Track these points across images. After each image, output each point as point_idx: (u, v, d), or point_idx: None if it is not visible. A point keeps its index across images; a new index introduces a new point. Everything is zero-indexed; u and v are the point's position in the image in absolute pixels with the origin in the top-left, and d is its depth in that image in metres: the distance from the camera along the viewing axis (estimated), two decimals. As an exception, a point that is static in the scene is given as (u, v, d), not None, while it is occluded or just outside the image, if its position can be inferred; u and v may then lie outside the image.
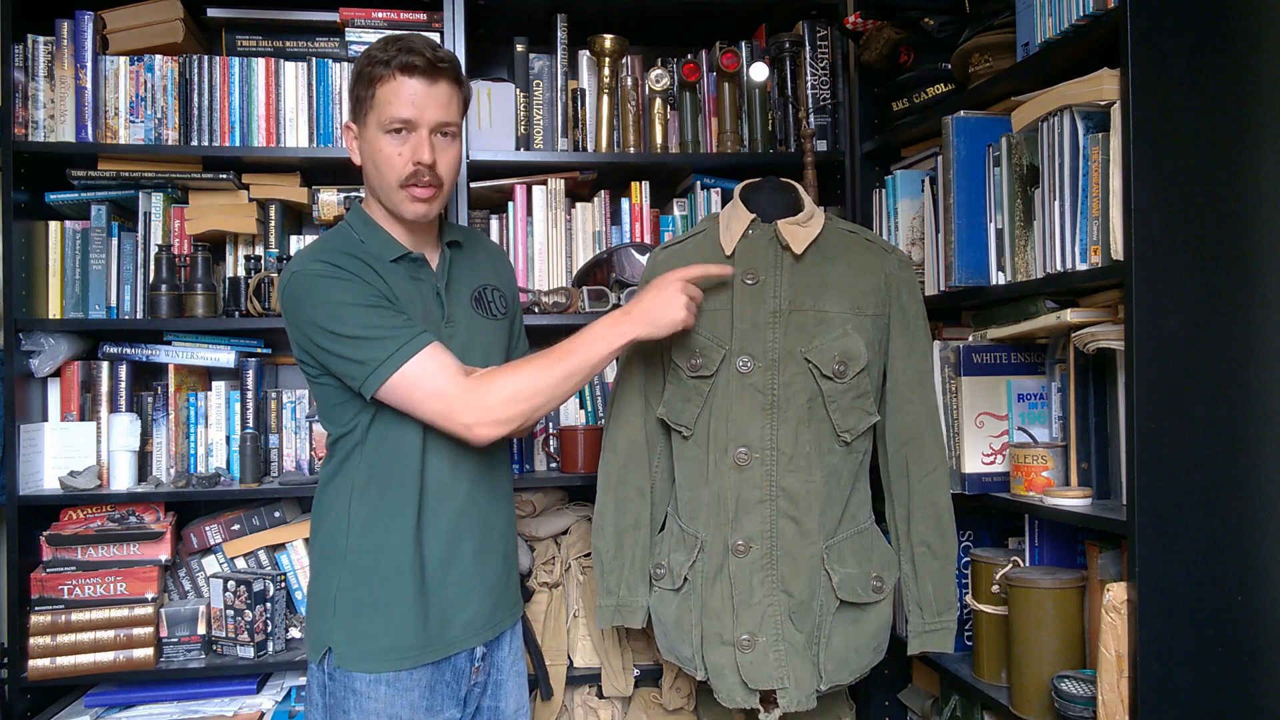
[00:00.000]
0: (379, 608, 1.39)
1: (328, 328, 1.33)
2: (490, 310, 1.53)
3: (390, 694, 1.38)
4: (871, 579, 1.57)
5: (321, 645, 1.41)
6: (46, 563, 1.97)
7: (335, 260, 1.36)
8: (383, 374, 1.31)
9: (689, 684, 2.05)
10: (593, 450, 2.03)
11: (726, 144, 2.22)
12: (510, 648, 1.56)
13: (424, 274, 1.45)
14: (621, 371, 1.72)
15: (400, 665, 1.38)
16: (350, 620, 1.39)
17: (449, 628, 1.43)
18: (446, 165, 1.41)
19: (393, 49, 1.37)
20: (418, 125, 1.37)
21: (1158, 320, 1.34)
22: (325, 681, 1.40)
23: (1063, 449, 1.63)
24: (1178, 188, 1.35)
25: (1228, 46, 1.38)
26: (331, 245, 1.41)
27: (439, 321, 1.44)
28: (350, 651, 1.38)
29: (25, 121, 2.00)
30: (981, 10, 1.80)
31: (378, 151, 1.39)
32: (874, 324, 1.57)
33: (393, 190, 1.40)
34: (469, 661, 1.47)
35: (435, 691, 1.42)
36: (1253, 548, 1.37)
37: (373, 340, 1.32)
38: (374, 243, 1.43)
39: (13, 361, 1.95)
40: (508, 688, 1.54)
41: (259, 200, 2.13)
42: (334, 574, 1.41)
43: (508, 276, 1.64)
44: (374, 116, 1.38)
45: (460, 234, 1.56)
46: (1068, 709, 1.47)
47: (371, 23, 2.11)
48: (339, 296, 1.33)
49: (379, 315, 1.33)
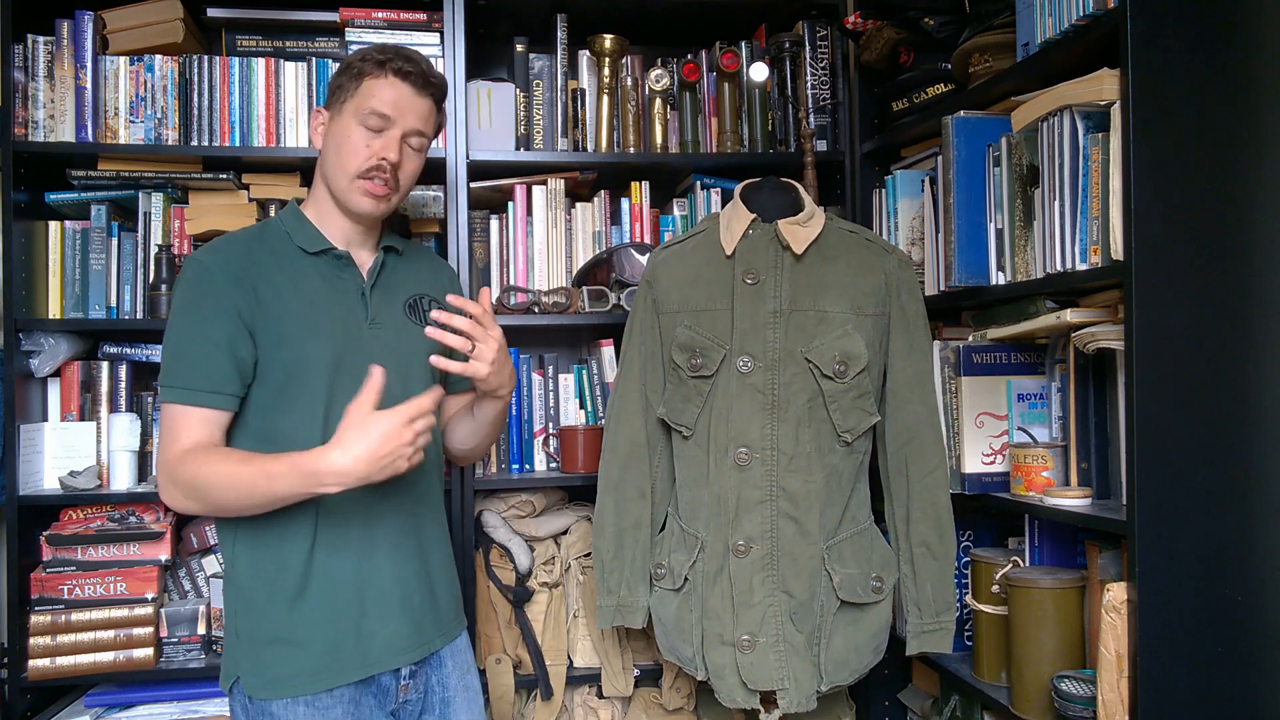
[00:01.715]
0: (278, 634, 1.34)
1: (170, 323, 1.36)
2: (425, 320, 1.48)
3: (309, 713, 1.33)
4: (871, 579, 1.57)
5: (230, 674, 1.37)
6: (46, 563, 1.97)
7: (222, 260, 1.36)
8: (163, 394, 1.33)
9: (689, 684, 2.05)
10: (593, 450, 2.03)
11: (726, 144, 2.22)
12: (454, 663, 1.49)
13: (348, 273, 1.44)
14: (622, 371, 1.72)
15: (308, 689, 1.33)
16: (251, 648, 1.35)
17: (368, 646, 1.37)
18: (408, 173, 1.43)
19: (390, 53, 1.39)
20: (394, 125, 1.39)
21: (1158, 320, 1.34)
22: (246, 704, 1.35)
23: (1063, 449, 1.63)
24: (1178, 188, 1.35)
25: (1228, 47, 1.38)
26: (239, 238, 1.42)
27: (361, 321, 1.42)
28: (257, 681, 1.34)
29: (25, 121, 2.00)
30: (981, 10, 1.80)
31: (345, 138, 1.39)
32: (874, 324, 1.58)
33: (348, 179, 1.39)
34: (394, 679, 1.41)
35: (360, 706, 1.37)
36: (1253, 547, 1.37)
37: (177, 359, 1.33)
38: (300, 236, 1.42)
39: (13, 361, 1.95)
40: (456, 705, 1.48)
41: (259, 200, 2.12)
42: (230, 600, 1.39)
43: (451, 291, 1.57)
44: (352, 104, 1.39)
45: (402, 244, 1.54)
46: (1068, 709, 1.47)
47: (371, 23, 2.11)
48: (187, 302, 1.34)
49: (199, 346, 1.32)
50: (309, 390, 1.36)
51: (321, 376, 1.36)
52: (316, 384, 1.36)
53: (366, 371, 1.31)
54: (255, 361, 1.35)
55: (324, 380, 1.36)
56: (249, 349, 1.34)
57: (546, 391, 2.22)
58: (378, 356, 1.39)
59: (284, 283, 1.38)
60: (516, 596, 2.04)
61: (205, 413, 1.32)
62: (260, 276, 1.36)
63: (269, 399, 1.36)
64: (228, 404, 1.34)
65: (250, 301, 1.34)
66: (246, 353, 1.34)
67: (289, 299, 1.37)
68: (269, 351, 1.35)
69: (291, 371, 1.36)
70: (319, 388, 1.36)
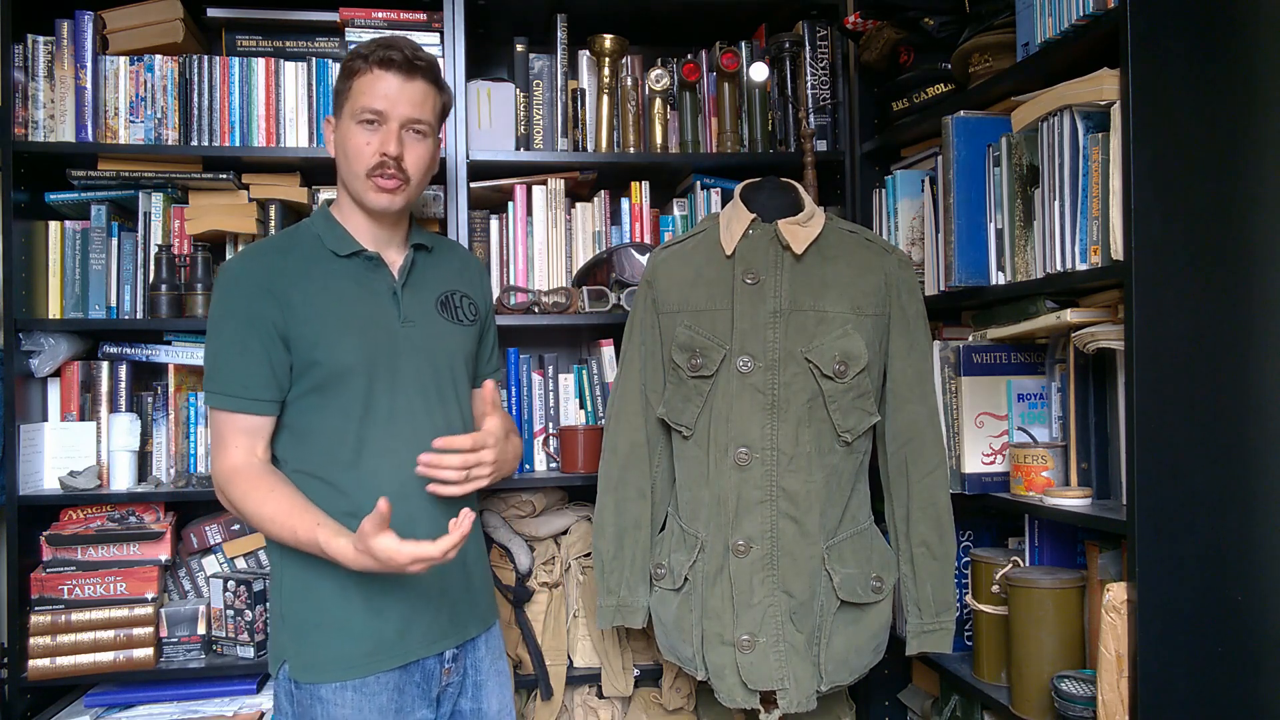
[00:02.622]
0: (324, 620, 1.39)
1: (208, 329, 1.42)
2: (456, 315, 1.53)
3: (357, 699, 1.37)
4: (871, 579, 1.57)
5: (278, 658, 1.42)
6: (46, 563, 1.97)
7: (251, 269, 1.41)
8: (209, 399, 1.40)
9: (689, 684, 2.05)
10: (593, 450, 2.03)
11: (726, 144, 2.22)
12: (488, 648, 1.54)
13: (379, 274, 1.46)
14: (622, 371, 1.72)
15: (351, 675, 1.38)
16: (299, 633, 1.40)
17: (408, 635, 1.42)
18: (414, 161, 1.43)
19: (374, 45, 1.42)
20: (388, 118, 1.40)
21: (1158, 320, 1.34)
22: (292, 690, 1.40)
23: (1063, 449, 1.63)
24: (1178, 188, 1.35)
25: (1228, 47, 1.38)
26: (270, 245, 1.46)
27: (393, 320, 1.45)
28: (303, 663, 1.38)
29: (25, 121, 2.00)
30: (981, 10, 1.80)
31: (347, 140, 1.42)
32: (874, 324, 1.58)
33: (359, 180, 1.42)
34: (438, 663, 1.46)
35: (404, 693, 1.42)
36: (1253, 547, 1.37)
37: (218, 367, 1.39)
38: (330, 239, 1.45)
39: (13, 361, 1.95)
40: (489, 688, 1.53)
41: (259, 200, 2.12)
42: (280, 586, 1.43)
43: (481, 287, 1.63)
44: (349, 106, 1.42)
45: (430, 239, 1.56)
46: (1068, 709, 1.47)
47: (371, 22, 2.11)
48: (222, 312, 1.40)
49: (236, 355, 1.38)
50: (345, 391, 1.40)
51: (357, 377, 1.41)
52: (352, 385, 1.40)
53: (400, 370, 1.40)
54: (292, 366, 1.40)
55: (360, 381, 1.41)
56: (283, 356, 1.39)
57: (546, 391, 2.22)
58: (410, 354, 1.44)
59: (316, 287, 1.41)
60: (516, 596, 2.04)
61: (246, 419, 1.39)
62: (291, 283, 1.40)
63: (305, 399, 1.41)
64: (268, 409, 1.40)
65: (282, 310, 1.39)
66: (281, 359, 1.39)
67: (321, 303, 1.41)
68: (304, 355, 1.39)
69: (327, 373, 1.40)
70: (355, 388, 1.41)
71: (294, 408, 1.42)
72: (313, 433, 1.41)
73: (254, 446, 1.40)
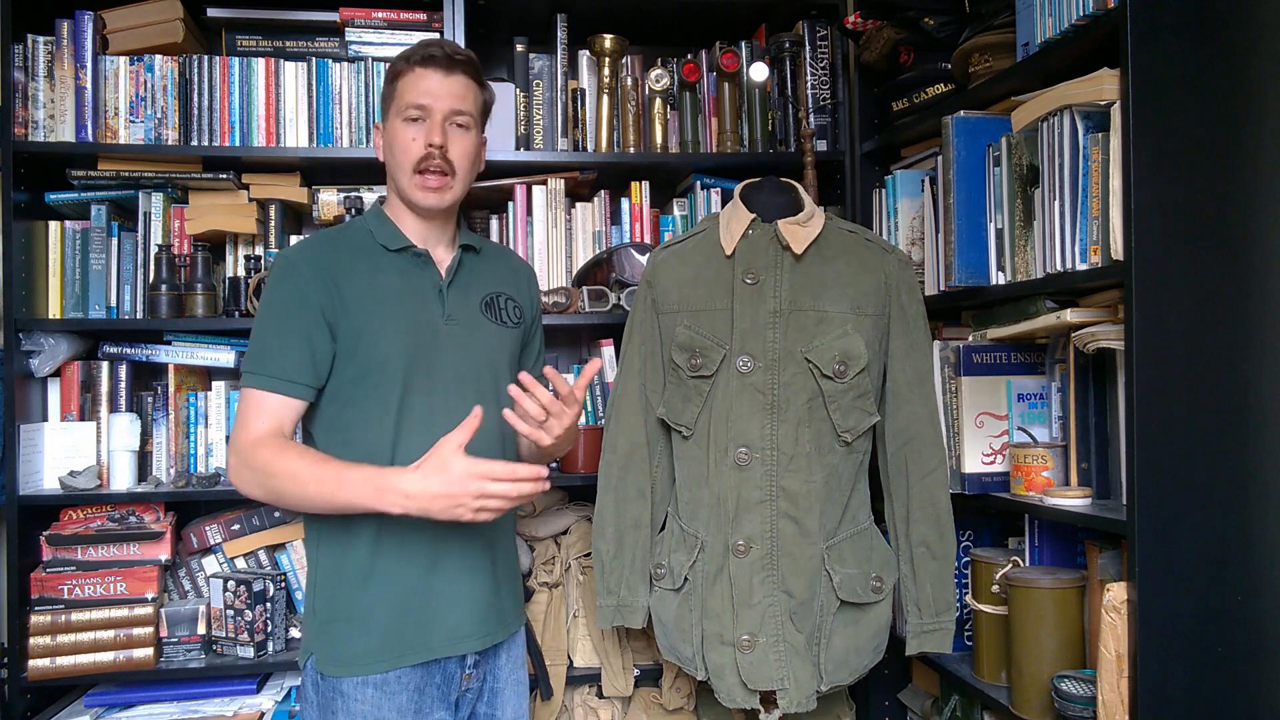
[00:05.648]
0: (347, 614, 1.40)
1: (257, 314, 1.43)
2: (501, 317, 1.54)
3: (377, 696, 1.39)
4: (871, 579, 1.57)
5: (307, 650, 1.45)
6: (46, 563, 1.97)
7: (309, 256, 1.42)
8: (244, 379, 1.40)
9: (689, 684, 2.05)
10: (593, 450, 2.03)
11: (726, 144, 2.22)
12: (508, 657, 1.54)
13: (426, 271, 1.48)
14: (622, 371, 1.72)
15: (370, 669, 1.39)
16: (323, 625, 1.42)
17: (431, 632, 1.42)
18: (459, 152, 1.45)
19: (415, 47, 1.46)
20: (432, 112, 1.43)
21: (1158, 320, 1.34)
22: (317, 680, 1.42)
23: (1063, 449, 1.63)
24: (1178, 188, 1.35)
25: (1228, 47, 1.38)
26: (325, 236, 1.49)
27: (437, 317, 1.46)
28: (325, 656, 1.41)
29: (25, 121, 2.00)
30: (981, 10, 1.80)
31: (394, 139, 1.45)
32: (874, 324, 1.57)
33: (407, 177, 1.44)
34: (459, 667, 1.46)
35: (424, 694, 1.42)
36: (1253, 548, 1.37)
37: (259, 348, 1.40)
38: (381, 234, 1.47)
39: (13, 361, 1.95)
40: (505, 696, 1.53)
41: (259, 200, 2.13)
42: (313, 579, 1.46)
43: (529, 293, 1.63)
44: (394, 106, 1.45)
45: (479, 242, 1.57)
46: (1068, 709, 1.47)
47: (371, 23, 2.11)
48: (274, 296, 1.41)
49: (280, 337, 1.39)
50: (384, 384, 1.41)
51: (396, 371, 1.41)
52: (391, 378, 1.41)
53: (439, 365, 1.41)
54: (334, 355, 1.41)
55: (398, 375, 1.41)
56: (327, 343, 1.40)
57: (546, 391, 2.21)
58: (452, 353, 1.45)
59: (365, 279, 1.43)
60: (516, 596, 2.04)
61: (279, 400, 1.38)
62: (343, 273, 1.42)
63: (344, 391, 1.42)
64: (302, 393, 1.40)
65: (333, 297, 1.40)
66: (325, 346, 1.40)
67: (368, 295, 1.42)
68: (347, 345, 1.41)
69: (367, 365, 1.41)
70: (393, 382, 1.41)
71: (330, 398, 1.42)
72: (349, 426, 1.42)
73: (281, 425, 1.38)
